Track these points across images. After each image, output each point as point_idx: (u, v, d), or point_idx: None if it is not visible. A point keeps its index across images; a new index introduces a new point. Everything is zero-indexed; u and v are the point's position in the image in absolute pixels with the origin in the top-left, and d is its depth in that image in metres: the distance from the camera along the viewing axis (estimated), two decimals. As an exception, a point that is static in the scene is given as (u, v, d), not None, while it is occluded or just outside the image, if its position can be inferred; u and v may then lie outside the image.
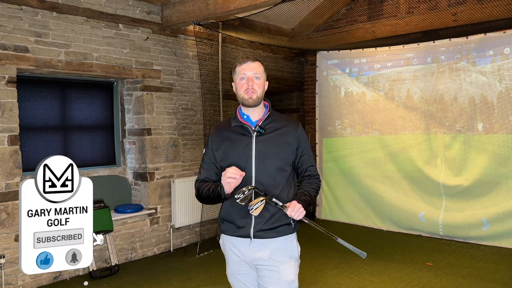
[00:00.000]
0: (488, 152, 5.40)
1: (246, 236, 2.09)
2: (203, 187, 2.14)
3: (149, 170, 5.09)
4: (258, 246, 2.09)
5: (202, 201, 2.19)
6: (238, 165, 2.05)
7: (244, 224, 2.09)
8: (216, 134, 2.21)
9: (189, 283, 4.23)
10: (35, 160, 4.41)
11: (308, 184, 2.18)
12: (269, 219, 2.07)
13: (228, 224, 2.15)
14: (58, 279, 4.28)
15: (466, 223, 5.48)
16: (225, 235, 2.19)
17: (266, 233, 2.07)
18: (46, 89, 4.53)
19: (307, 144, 2.20)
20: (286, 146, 2.12)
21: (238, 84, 2.15)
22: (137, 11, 4.87)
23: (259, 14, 4.87)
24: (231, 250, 2.17)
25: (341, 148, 6.70)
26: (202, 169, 2.21)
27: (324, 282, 4.17)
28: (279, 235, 2.09)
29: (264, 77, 2.16)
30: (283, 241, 2.10)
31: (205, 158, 2.21)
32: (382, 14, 5.93)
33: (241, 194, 1.95)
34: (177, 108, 5.39)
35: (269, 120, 2.15)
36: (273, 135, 2.12)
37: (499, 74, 5.31)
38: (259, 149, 2.09)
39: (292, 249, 2.13)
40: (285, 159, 2.11)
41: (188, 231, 5.55)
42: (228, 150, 2.13)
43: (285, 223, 2.09)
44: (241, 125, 2.14)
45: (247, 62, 2.12)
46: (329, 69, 6.85)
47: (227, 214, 2.15)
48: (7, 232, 3.91)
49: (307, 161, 2.19)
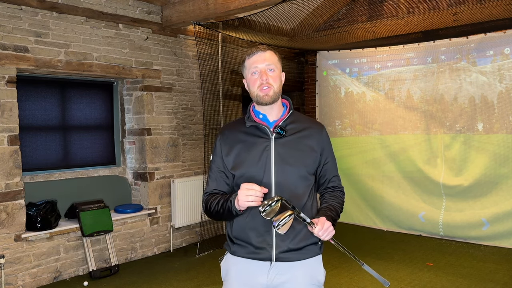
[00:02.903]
0: (488, 152, 5.40)
1: (267, 259, 1.73)
2: (211, 201, 1.78)
3: (149, 170, 5.09)
4: (279, 271, 1.74)
5: (212, 217, 1.83)
6: (253, 173, 1.73)
7: (263, 245, 1.73)
8: (226, 136, 1.85)
9: (189, 283, 4.23)
10: (35, 160, 4.42)
11: (333, 197, 1.85)
12: (294, 238, 1.72)
13: (242, 244, 1.77)
14: (58, 279, 4.28)
15: (466, 223, 5.48)
16: (234, 258, 1.80)
17: (291, 254, 1.73)
18: (46, 89, 4.53)
19: (331, 150, 1.88)
20: (309, 151, 1.79)
21: (250, 80, 1.81)
22: (137, 11, 4.87)
23: (259, 14, 4.87)
24: (241, 276, 1.77)
25: (341, 148, 6.70)
26: (210, 179, 1.85)
27: (324, 282, 4.17)
28: (306, 257, 1.76)
29: (280, 67, 1.84)
30: (309, 265, 1.77)
31: (212, 166, 1.85)
32: (382, 14, 5.93)
33: (267, 207, 1.57)
34: (177, 108, 5.38)
35: (289, 120, 1.82)
36: (294, 138, 1.78)
37: (499, 74, 5.31)
38: (279, 154, 1.75)
39: (318, 274, 1.82)
40: (309, 166, 1.78)
41: (188, 231, 5.55)
42: (242, 155, 1.77)
43: (311, 242, 1.76)
44: (256, 126, 1.80)
45: (257, 52, 1.79)
46: (329, 69, 6.85)
47: (240, 232, 1.77)
48: (7, 232, 3.91)
49: (331, 170, 1.87)
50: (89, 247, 4.42)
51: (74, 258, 4.41)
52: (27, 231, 4.07)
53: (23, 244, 4.02)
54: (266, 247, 1.73)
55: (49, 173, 4.53)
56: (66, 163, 4.70)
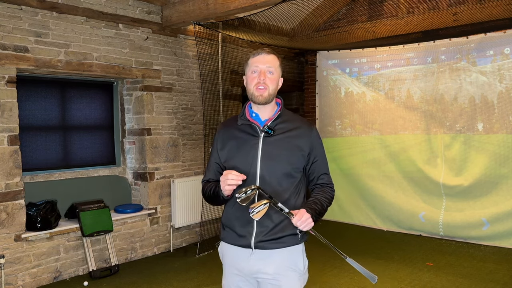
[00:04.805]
0: (488, 152, 5.40)
1: (247, 246, 1.91)
2: (206, 187, 2.02)
3: (149, 170, 5.09)
4: (259, 258, 1.91)
5: (208, 202, 2.07)
6: (241, 167, 1.89)
7: (245, 233, 1.91)
8: (222, 132, 2.04)
9: (189, 283, 4.23)
10: (35, 160, 4.42)
11: (321, 192, 1.96)
12: (272, 228, 1.88)
13: (228, 231, 1.97)
14: (58, 279, 4.28)
15: (466, 223, 5.48)
16: (224, 243, 2.02)
17: (268, 243, 1.89)
18: (46, 89, 4.53)
19: (321, 149, 1.99)
20: (296, 150, 1.91)
21: (249, 77, 1.94)
22: (137, 11, 4.87)
23: (259, 14, 4.87)
24: (229, 260, 2.00)
25: (341, 148, 6.70)
26: (207, 169, 2.07)
27: (324, 282, 4.17)
28: (283, 246, 1.90)
29: (279, 72, 1.97)
30: (287, 253, 1.91)
31: (210, 158, 2.07)
32: (382, 14, 5.93)
33: (242, 194, 1.73)
34: (177, 108, 5.39)
35: (279, 120, 1.95)
36: (283, 137, 1.91)
37: (499, 74, 5.31)
38: (265, 151, 1.89)
39: (296, 261, 1.95)
40: (294, 164, 1.91)
41: (188, 231, 5.55)
42: (233, 151, 1.95)
43: (290, 233, 1.90)
44: (249, 124, 1.95)
45: (261, 53, 1.93)
46: (329, 69, 6.85)
47: (228, 220, 1.98)
48: (7, 232, 3.91)
49: (320, 168, 1.97)
50: (89, 247, 4.43)
51: (74, 258, 4.41)
52: (27, 231, 4.07)
53: (23, 244, 4.02)
54: (247, 235, 1.90)
55: (49, 173, 4.53)
56: (66, 163, 4.70)
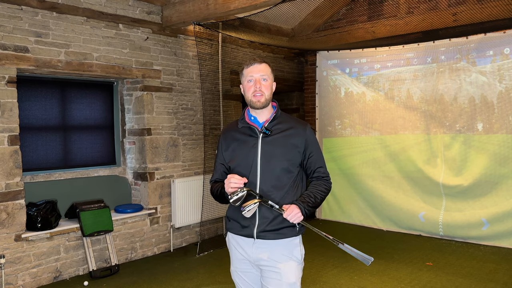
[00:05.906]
0: (488, 152, 5.40)
1: (250, 236, 2.13)
2: (214, 187, 2.24)
3: (149, 170, 5.09)
4: (260, 247, 2.12)
5: (216, 200, 2.26)
6: (244, 165, 2.12)
7: (248, 224, 2.12)
8: (226, 135, 2.27)
9: (189, 283, 4.23)
10: (35, 160, 4.42)
11: (316, 185, 2.18)
12: (272, 220, 2.09)
13: (233, 223, 2.19)
14: (58, 279, 4.28)
15: (466, 223, 5.49)
16: (230, 233, 2.24)
17: (269, 234, 2.09)
18: (46, 89, 4.53)
19: (315, 145, 2.21)
20: (292, 147, 2.12)
21: (246, 86, 2.17)
22: (137, 11, 4.87)
23: (259, 14, 4.87)
24: (235, 248, 2.21)
25: (341, 148, 6.70)
26: (214, 170, 2.31)
27: (324, 282, 4.17)
28: (282, 237, 2.10)
29: (272, 78, 2.19)
30: (285, 243, 2.11)
31: (216, 159, 2.30)
32: (382, 14, 5.93)
33: (234, 196, 1.97)
34: (177, 108, 5.39)
35: (276, 121, 2.17)
36: (279, 136, 2.13)
37: (499, 74, 5.31)
38: (264, 150, 2.12)
39: (294, 251, 2.13)
40: (291, 160, 2.12)
41: (188, 231, 5.56)
42: (236, 151, 2.19)
43: (289, 225, 2.09)
44: (248, 126, 2.18)
45: (254, 64, 2.15)
46: (329, 69, 6.85)
47: (233, 213, 2.19)
48: (7, 232, 3.91)
49: (315, 162, 2.19)
50: (89, 247, 4.43)
51: (74, 258, 4.42)
52: (27, 231, 4.07)
53: (23, 244, 4.03)
54: (250, 226, 2.12)
55: (49, 173, 4.53)
56: (66, 163, 4.70)
